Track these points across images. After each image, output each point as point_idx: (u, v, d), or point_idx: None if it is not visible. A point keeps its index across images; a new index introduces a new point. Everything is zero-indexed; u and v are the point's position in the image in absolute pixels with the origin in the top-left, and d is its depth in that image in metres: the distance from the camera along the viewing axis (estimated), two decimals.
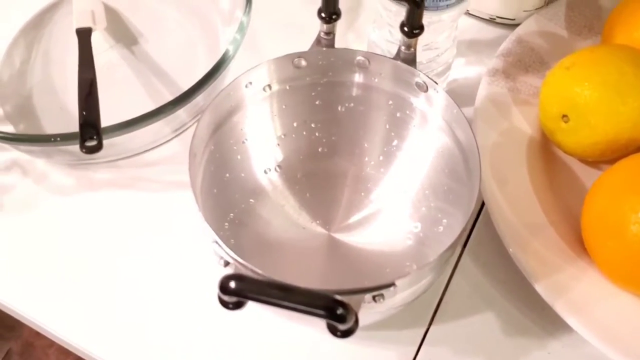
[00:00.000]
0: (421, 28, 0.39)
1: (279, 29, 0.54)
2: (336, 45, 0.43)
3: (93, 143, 0.37)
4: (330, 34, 0.41)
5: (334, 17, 0.40)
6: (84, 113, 0.39)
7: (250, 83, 0.40)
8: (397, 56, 0.41)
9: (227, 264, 0.33)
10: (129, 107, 0.48)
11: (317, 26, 0.42)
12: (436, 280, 0.38)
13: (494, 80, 0.47)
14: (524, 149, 0.45)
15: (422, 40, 0.41)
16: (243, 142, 0.43)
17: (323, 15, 0.40)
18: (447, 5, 0.40)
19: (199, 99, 0.43)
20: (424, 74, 0.39)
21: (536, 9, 0.51)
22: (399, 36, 0.40)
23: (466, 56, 0.52)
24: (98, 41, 0.51)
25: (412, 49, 0.40)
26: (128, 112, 0.47)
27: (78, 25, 0.50)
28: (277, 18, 0.54)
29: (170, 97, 0.49)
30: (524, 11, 0.51)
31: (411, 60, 0.41)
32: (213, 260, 0.34)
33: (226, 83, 0.39)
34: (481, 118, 0.46)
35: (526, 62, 0.49)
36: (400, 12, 0.40)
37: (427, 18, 0.39)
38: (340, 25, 0.42)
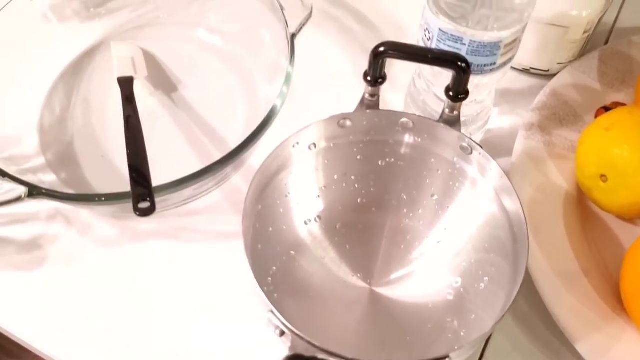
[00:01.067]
0: (466, 93, 0.40)
1: (318, 79, 0.54)
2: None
3: (146, 205, 0.38)
4: (375, 95, 0.42)
5: (379, 80, 0.41)
6: (135, 175, 0.39)
7: (298, 143, 0.41)
8: (441, 118, 0.42)
9: (282, 333, 0.34)
10: (170, 156, 0.49)
11: (354, 74, 0.42)
12: None
13: (530, 135, 0.48)
14: (560, 203, 0.46)
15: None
16: (286, 196, 0.44)
17: (369, 78, 0.41)
18: (490, 70, 0.41)
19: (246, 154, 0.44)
20: (469, 138, 0.40)
21: (570, 61, 0.52)
22: (437, 90, 0.41)
23: (500, 105, 0.53)
24: (137, 88, 0.52)
25: (457, 112, 0.41)
26: (170, 161, 0.48)
27: (120, 74, 0.51)
28: (315, 67, 0.55)
29: (210, 146, 0.51)
30: (558, 63, 0.52)
31: (455, 122, 0.41)
32: (267, 327, 0.34)
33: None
34: (518, 173, 0.47)
35: (560, 115, 0.50)
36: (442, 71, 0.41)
37: (471, 81, 0.40)
38: None
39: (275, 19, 0.49)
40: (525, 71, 0.53)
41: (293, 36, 0.48)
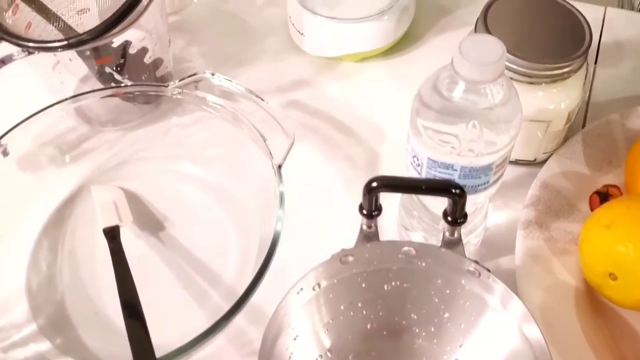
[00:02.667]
0: (465, 217, 0.39)
1: (306, 195, 0.53)
2: None
3: None
4: (373, 227, 0.41)
5: (374, 213, 0.40)
6: (136, 349, 0.38)
7: (302, 289, 0.40)
8: (442, 241, 0.41)
9: None
10: (166, 302, 0.48)
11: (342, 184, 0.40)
12: None
13: (528, 234, 0.48)
14: (572, 302, 0.45)
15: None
16: (294, 339, 0.42)
17: (364, 212, 0.40)
18: (485, 188, 0.41)
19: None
20: (475, 262, 0.39)
21: (554, 149, 0.52)
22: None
23: (493, 200, 0.52)
24: (123, 232, 0.50)
25: (457, 234, 0.40)
26: (167, 309, 0.47)
27: (105, 225, 0.50)
28: (302, 182, 0.54)
29: (205, 285, 0.49)
30: (544, 153, 0.52)
31: (456, 243, 0.41)
32: None
33: None
34: (524, 276, 0.46)
35: (555, 207, 0.49)
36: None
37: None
38: (362, 178, 0.41)
39: (258, 148, 0.49)
40: (512, 163, 0.53)
41: (279, 167, 0.47)
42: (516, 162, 0.53)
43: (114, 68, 0.56)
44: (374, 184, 0.39)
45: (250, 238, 0.50)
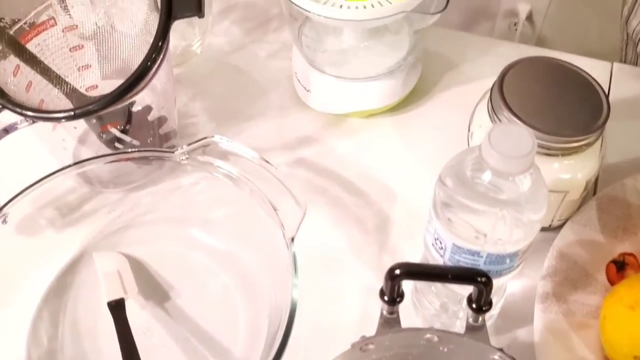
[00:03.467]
0: (490, 304, 0.38)
1: (316, 263, 0.51)
2: None
3: None
4: (394, 313, 0.40)
5: (398, 300, 0.39)
6: None
7: None
8: (466, 328, 0.40)
9: None
10: None
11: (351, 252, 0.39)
12: None
13: (546, 307, 0.47)
14: None
15: None
16: None
17: (386, 298, 0.39)
18: (509, 271, 0.40)
19: None
20: (500, 350, 0.38)
21: (569, 216, 0.51)
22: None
23: None
24: (127, 304, 0.48)
25: (481, 320, 0.39)
26: None
27: (109, 298, 0.48)
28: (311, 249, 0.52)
29: None
30: (559, 220, 0.51)
31: (480, 329, 0.39)
32: None
33: None
34: (543, 353, 0.45)
35: (573, 278, 0.48)
36: None
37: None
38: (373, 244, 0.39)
39: (269, 218, 0.47)
40: None
41: (292, 240, 0.46)
42: None
43: (120, 128, 0.54)
44: (397, 272, 0.37)
45: (260, 310, 0.48)
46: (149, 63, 0.45)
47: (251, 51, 0.66)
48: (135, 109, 0.55)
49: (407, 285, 0.49)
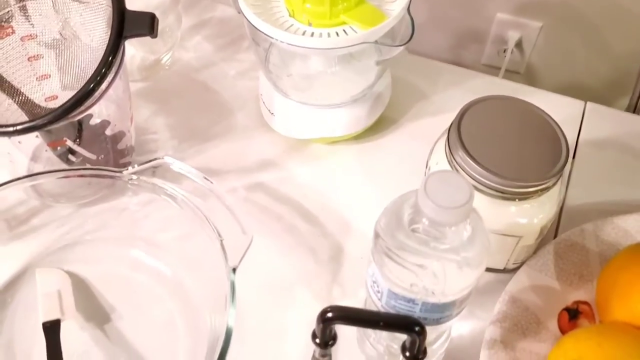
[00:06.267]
0: (424, 352, 0.37)
1: (262, 294, 0.51)
2: None
3: None
4: (326, 355, 0.38)
5: (330, 343, 0.38)
6: None
7: None
8: None
9: None
10: None
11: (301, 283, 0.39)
12: None
13: (493, 354, 0.45)
14: None
15: None
16: None
17: (317, 341, 0.37)
18: (447, 319, 0.39)
19: None
20: None
21: (524, 260, 0.50)
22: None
23: None
24: (66, 325, 0.47)
25: None
26: None
27: (45, 318, 0.46)
28: (259, 279, 0.51)
29: None
30: (514, 263, 0.50)
31: None
32: None
33: None
34: None
35: (522, 325, 0.47)
36: None
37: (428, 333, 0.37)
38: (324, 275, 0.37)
39: (212, 246, 0.46)
40: None
41: (234, 270, 0.44)
42: (485, 270, 0.51)
43: (73, 140, 0.53)
44: (329, 315, 0.36)
45: (199, 337, 0.47)
46: (98, 78, 0.44)
47: (220, 69, 0.65)
48: (93, 122, 0.54)
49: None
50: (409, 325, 0.35)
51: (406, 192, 0.37)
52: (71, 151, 0.53)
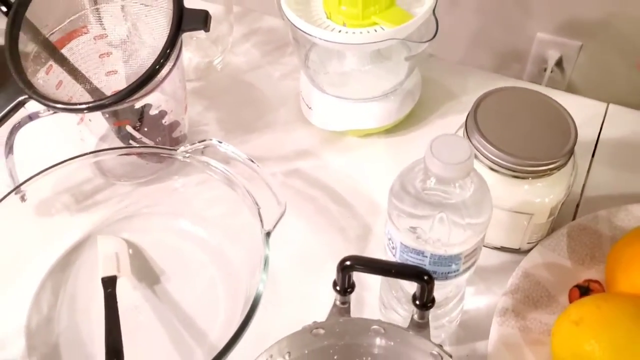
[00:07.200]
0: (432, 301, 0.41)
1: (296, 264, 0.56)
2: None
3: None
4: (346, 303, 0.43)
5: (349, 290, 0.42)
6: None
7: (272, 356, 0.42)
8: (411, 323, 0.43)
9: None
10: (152, 356, 0.50)
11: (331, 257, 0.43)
12: None
13: (504, 321, 0.49)
14: None
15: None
16: None
17: (338, 288, 0.42)
18: (455, 275, 0.43)
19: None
20: (439, 345, 0.41)
21: (539, 240, 0.53)
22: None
23: (475, 284, 0.54)
24: (121, 283, 0.53)
25: (425, 317, 0.42)
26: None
27: (104, 274, 0.53)
28: (293, 251, 0.57)
29: (192, 342, 0.51)
30: (528, 242, 0.53)
31: (424, 326, 0.42)
32: None
33: None
34: None
35: (534, 297, 0.50)
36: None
37: (437, 287, 0.42)
38: (352, 251, 0.41)
39: (251, 214, 0.52)
40: (497, 249, 0.55)
41: (268, 234, 0.50)
42: (501, 249, 0.55)
43: (134, 127, 0.60)
44: (347, 263, 0.41)
45: (237, 299, 0.52)
46: (157, 67, 0.51)
47: (266, 71, 0.72)
48: (152, 112, 0.61)
49: (375, 293, 0.52)
50: (418, 274, 0.40)
51: (417, 159, 0.42)
52: (132, 138, 0.61)
